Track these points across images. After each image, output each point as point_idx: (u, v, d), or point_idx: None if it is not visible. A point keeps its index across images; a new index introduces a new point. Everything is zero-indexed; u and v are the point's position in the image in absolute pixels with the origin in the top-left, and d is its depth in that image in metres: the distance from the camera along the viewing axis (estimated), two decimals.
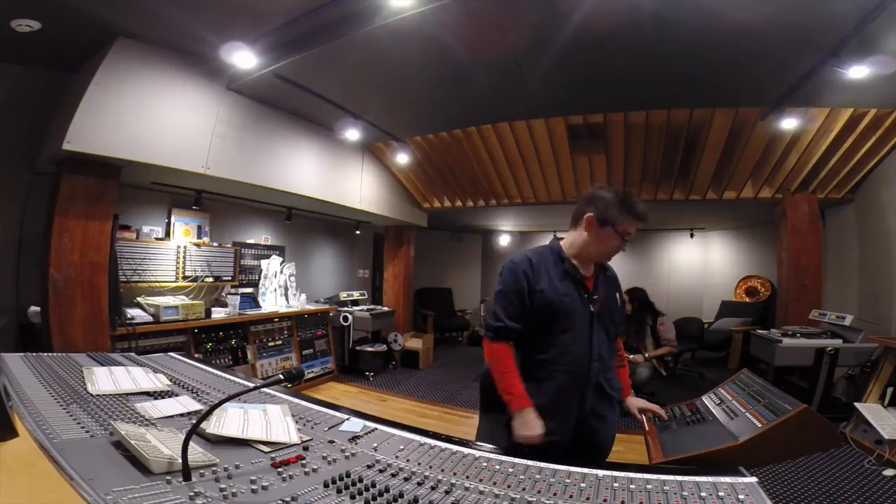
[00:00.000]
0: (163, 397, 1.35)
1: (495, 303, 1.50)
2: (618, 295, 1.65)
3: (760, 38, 2.69)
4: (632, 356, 4.11)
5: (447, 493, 0.89)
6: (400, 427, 1.24)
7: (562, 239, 1.60)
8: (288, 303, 4.90)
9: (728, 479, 0.95)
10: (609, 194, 1.49)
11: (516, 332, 1.48)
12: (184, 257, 4.06)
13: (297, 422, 1.21)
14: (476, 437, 1.54)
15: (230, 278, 4.50)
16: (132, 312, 3.38)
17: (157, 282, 3.84)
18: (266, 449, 1.03)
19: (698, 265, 7.68)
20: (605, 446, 1.55)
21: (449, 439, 1.18)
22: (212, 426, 1.07)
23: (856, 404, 3.28)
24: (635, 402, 1.67)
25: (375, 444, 1.11)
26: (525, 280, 1.46)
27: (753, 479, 0.95)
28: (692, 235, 7.58)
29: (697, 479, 0.96)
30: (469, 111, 4.28)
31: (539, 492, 0.91)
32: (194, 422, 0.90)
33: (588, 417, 1.48)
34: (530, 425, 1.36)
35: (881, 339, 3.44)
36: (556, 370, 1.46)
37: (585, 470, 1.01)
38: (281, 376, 1.03)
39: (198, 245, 4.21)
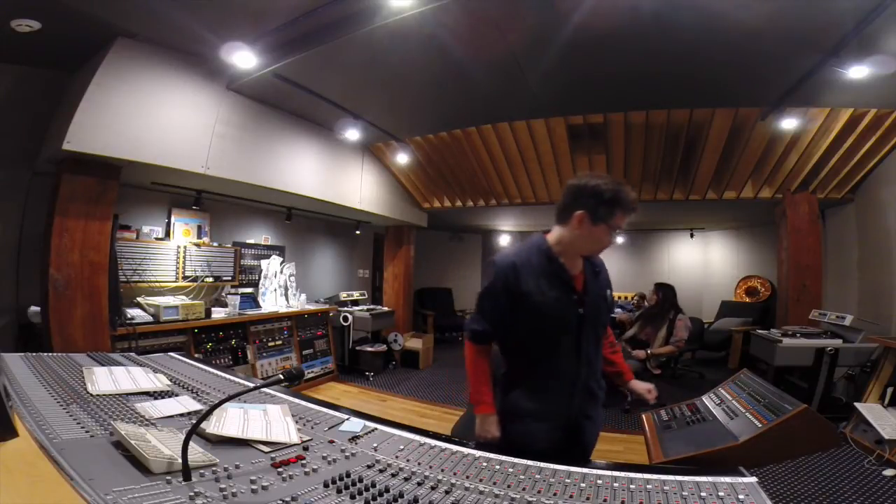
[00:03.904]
0: (163, 397, 1.35)
1: (478, 304, 1.48)
2: (608, 292, 1.57)
3: (760, 38, 2.69)
4: (634, 351, 4.11)
5: (447, 493, 0.89)
6: (400, 427, 1.24)
7: (548, 232, 1.48)
8: (288, 303, 4.90)
9: (728, 479, 0.95)
10: (597, 188, 1.34)
11: (495, 335, 1.48)
12: (184, 257, 4.06)
13: (297, 422, 1.21)
14: (455, 425, 1.57)
15: (230, 278, 4.50)
16: (132, 312, 3.38)
17: (157, 282, 3.84)
18: (266, 449, 1.03)
19: (698, 265, 7.68)
20: (590, 446, 1.54)
21: (449, 439, 1.18)
22: (212, 426, 1.07)
23: (856, 404, 3.28)
24: (638, 385, 1.64)
25: (375, 444, 1.11)
26: (507, 283, 1.39)
27: (753, 479, 0.95)
28: (692, 235, 7.58)
29: (697, 479, 0.96)
30: (469, 111, 4.28)
31: (539, 492, 0.91)
32: (194, 422, 0.90)
33: (577, 418, 1.46)
34: (488, 428, 1.42)
35: (881, 339, 3.44)
36: (545, 377, 1.42)
37: (585, 470, 1.01)
38: (281, 376, 1.03)
39: (198, 245, 4.21)
